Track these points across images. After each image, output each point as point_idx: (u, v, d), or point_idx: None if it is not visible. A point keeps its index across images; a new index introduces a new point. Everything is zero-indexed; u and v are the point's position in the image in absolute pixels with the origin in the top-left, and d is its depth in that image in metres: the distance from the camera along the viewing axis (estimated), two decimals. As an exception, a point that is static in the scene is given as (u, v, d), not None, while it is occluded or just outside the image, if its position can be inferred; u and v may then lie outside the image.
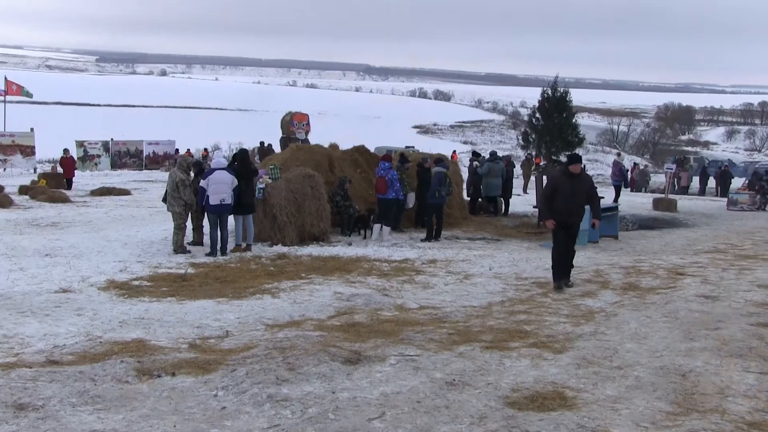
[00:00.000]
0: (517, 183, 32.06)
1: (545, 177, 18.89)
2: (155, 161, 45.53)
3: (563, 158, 21.70)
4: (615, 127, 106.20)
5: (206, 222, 14.14)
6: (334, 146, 18.96)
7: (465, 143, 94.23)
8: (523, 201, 25.52)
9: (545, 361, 6.88)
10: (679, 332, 7.95)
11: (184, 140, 54.99)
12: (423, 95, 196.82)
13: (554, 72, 24.18)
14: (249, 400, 5.73)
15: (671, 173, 28.80)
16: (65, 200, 23.15)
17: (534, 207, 19.68)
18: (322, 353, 6.81)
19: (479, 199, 21.65)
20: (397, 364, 6.69)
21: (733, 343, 7.38)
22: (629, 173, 37.01)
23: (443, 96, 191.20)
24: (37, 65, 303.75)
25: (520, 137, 24.79)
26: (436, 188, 15.97)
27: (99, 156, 43.15)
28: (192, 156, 34.73)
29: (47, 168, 35.15)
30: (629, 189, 34.62)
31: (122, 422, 5.36)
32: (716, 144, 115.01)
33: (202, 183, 13.47)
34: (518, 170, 38.01)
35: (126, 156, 44.62)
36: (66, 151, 31.35)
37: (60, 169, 30.35)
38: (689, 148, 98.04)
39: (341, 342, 7.41)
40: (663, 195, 26.65)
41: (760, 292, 9.94)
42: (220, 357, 6.92)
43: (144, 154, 45.24)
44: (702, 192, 36.58)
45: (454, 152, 49.55)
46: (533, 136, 22.13)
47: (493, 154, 22.27)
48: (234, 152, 17.16)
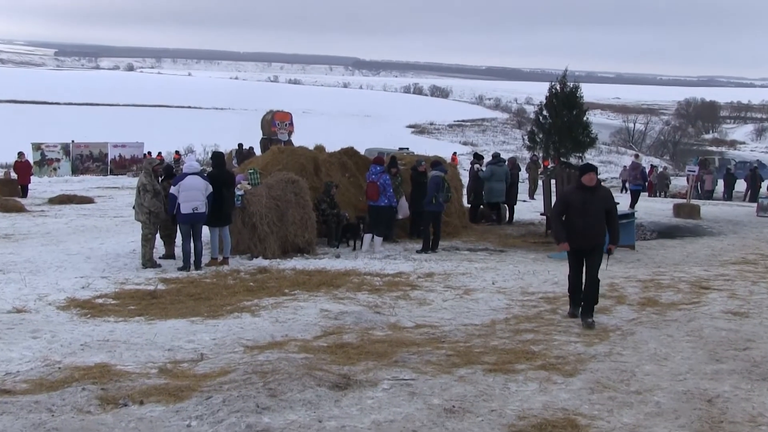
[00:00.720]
0: (523, 188, 32.12)
1: (554, 181, 18.95)
2: (122, 165, 45.45)
3: (573, 160, 21.74)
4: (631, 126, 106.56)
5: (179, 233, 14.12)
6: (320, 148, 18.95)
7: (465, 144, 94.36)
8: (529, 207, 25.57)
9: (555, 385, 6.88)
10: (704, 353, 7.96)
11: (154, 142, 54.88)
12: (418, 91, 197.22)
13: (563, 65, 24.25)
14: (226, 431, 5.71)
15: (693, 176, 28.86)
16: (20, 209, 23.08)
17: (542, 214, 19.71)
18: (308, 377, 6.79)
19: (481, 206, 21.68)
20: (391, 390, 6.68)
21: (765, 365, 7.40)
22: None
23: (441, 92, 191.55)
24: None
25: (526, 137, 24.87)
26: (433, 194, 16.00)
27: (58, 160, 43.10)
28: (163, 160, 34.77)
29: None
30: (647, 194, 34.75)
31: (84, 457, 5.33)
32: (744, 143, 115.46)
33: (173, 189, 13.45)
34: (524, 174, 38.13)
35: (89, 160, 44.55)
36: (21, 155, 31.27)
37: (14, 175, 30.28)
38: (714, 148, 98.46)
39: (328, 365, 7.39)
40: (684, 200, 26.74)
41: (793, 307, 9.98)
42: (194, 383, 6.89)
43: (109, 158, 45.17)
44: (728, 196, 36.69)
45: (454, 154, 49.61)
46: (540, 136, 22.20)
47: (496, 156, 22.32)
48: (211, 155, 17.14)
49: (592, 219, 9.49)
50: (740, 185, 37.99)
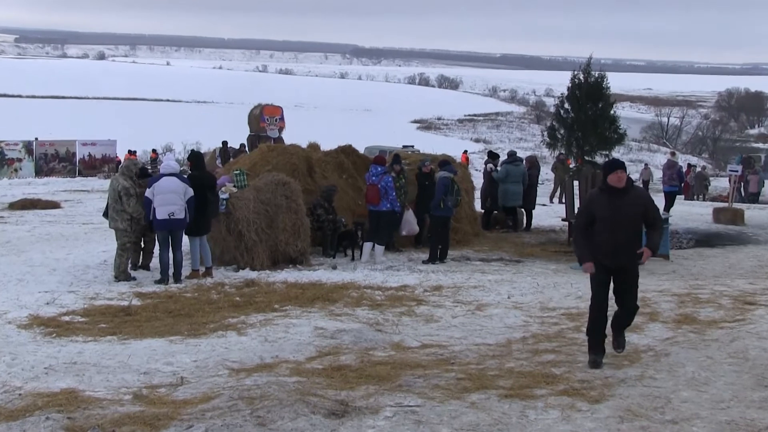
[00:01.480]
0: (543, 190, 32.06)
1: (577, 183, 18.95)
2: (91, 166, 45.51)
3: (599, 159, 21.73)
4: (664, 120, 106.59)
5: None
6: (315, 146, 18.96)
7: (477, 141, 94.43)
8: (549, 212, 25.57)
9: (579, 413, 6.87)
10: (750, 377, 7.94)
11: (128, 140, 54.84)
12: (424, 82, 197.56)
13: (587, 52, 24.23)
14: (208, 465, 5.71)
15: (736, 176, 28.83)
16: (-23, 215, 23.09)
17: (563, 220, 19.70)
18: (300, 404, 6.78)
19: (495, 211, 21.67)
20: (394, 417, 6.67)
21: (816, 389, 7.38)
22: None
23: (449, 83, 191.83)
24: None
25: (546, 133, 24.89)
26: (441, 197, 16.00)
27: (20, 160, 43.16)
28: (136, 159, 34.79)
29: (-46, 175, 35.13)
30: (683, 196, 34.71)
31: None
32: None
33: (147, 192, 13.47)
34: (545, 173, 38.05)
35: (54, 160, 44.62)
36: (-23, 155, 31.36)
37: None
38: (760, 145, 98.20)
39: (324, 390, 7.39)
40: (726, 204, 26.71)
41: None
42: (173, 410, 6.89)
43: (77, 158, 45.24)
44: (776, 199, 36.65)
45: (464, 153, 49.65)
46: (561, 132, 22.20)
47: (512, 155, 22.27)
48: (188, 156, 17.10)
49: (624, 230, 8.23)
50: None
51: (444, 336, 9.90)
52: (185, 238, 14.02)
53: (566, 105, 22.28)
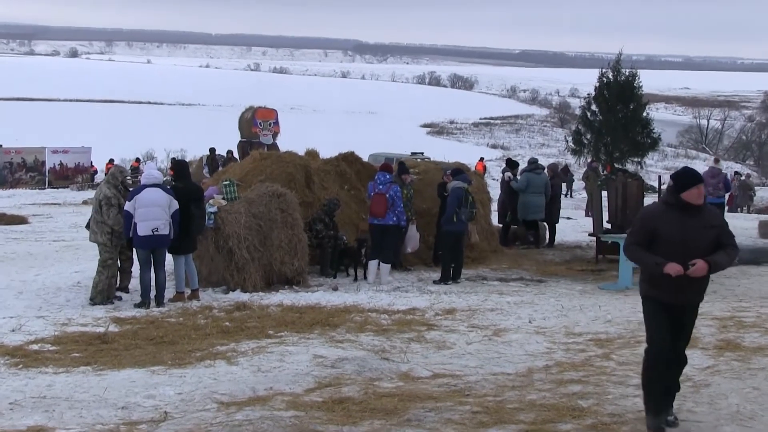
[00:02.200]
0: (566, 202, 32.04)
1: (606, 192, 18.96)
2: (63, 176, 45.68)
3: (630, 166, 21.75)
4: (703, 123, 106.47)
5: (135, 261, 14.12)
6: (313, 154, 18.98)
7: (494, 147, 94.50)
8: (575, 226, 25.55)
9: (610, 450, 6.85)
10: (799, 409, 7.93)
11: (104, 147, 55.10)
12: (435, 82, 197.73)
13: (617, 47, 24.34)
14: None
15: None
16: (-64, 232, 23.14)
17: (590, 235, 19.70)
18: (298, 442, 6.78)
19: (514, 225, 21.67)
20: (403, 456, 6.67)
21: None
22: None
23: (463, 83, 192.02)
24: None
25: (570, 138, 24.96)
26: (454, 210, 15.99)
27: (-17, 170, 43.30)
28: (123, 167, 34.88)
29: None
30: (726, 207, 34.64)
31: None
32: None
33: (128, 206, 13.42)
34: (576, 184, 38.00)
35: (21, 169, 44.84)
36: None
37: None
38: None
39: (324, 425, 7.39)
40: (772, 216, 26.63)
41: None
42: (155, 448, 6.89)
43: (47, 167, 45.39)
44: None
45: (480, 160, 49.69)
46: (588, 137, 22.27)
47: (533, 162, 22.28)
48: (171, 165, 17.15)
49: (693, 257, 7.36)
50: None
51: (458, 365, 9.89)
52: (169, 257, 14.02)
53: (593, 107, 22.40)
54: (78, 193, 41.42)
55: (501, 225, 21.64)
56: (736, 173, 45.91)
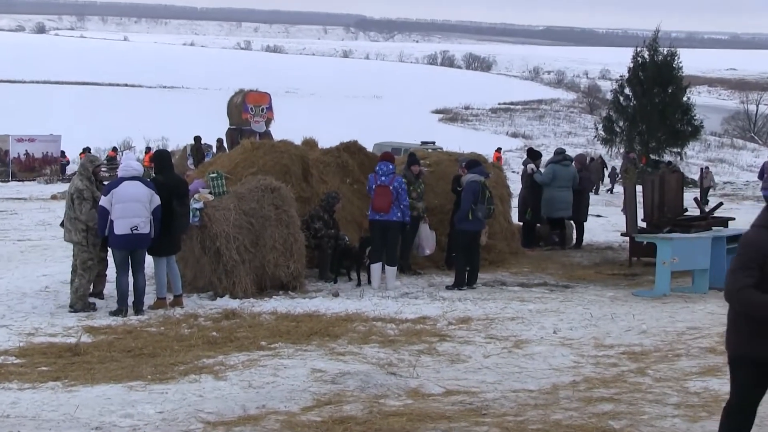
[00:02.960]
0: (595, 198, 32.00)
1: (642, 187, 18.94)
2: (29, 168, 45.70)
3: (668, 157, 21.71)
4: (752, 108, 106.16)
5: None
6: (311, 143, 18.97)
7: (514, 136, 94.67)
8: (605, 225, 25.54)
9: (644, 476, 6.86)
10: None
11: (76, 135, 55.08)
12: (448, 62, 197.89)
13: (653, 23, 24.30)
14: None
15: None
16: None
17: (622, 235, 19.68)
18: (294, 466, 6.79)
19: (537, 224, 21.63)
20: (412, 483, 6.68)
21: None
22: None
23: (480, 63, 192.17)
24: None
25: (600, 126, 24.94)
26: (469, 206, 15.96)
27: (-63, 161, 43.37)
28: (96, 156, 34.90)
29: None
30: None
31: None
32: None
33: (103, 201, 13.38)
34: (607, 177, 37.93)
35: (-19, 160, 44.82)
36: None
37: None
38: None
39: (323, 448, 7.39)
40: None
41: None
42: (134, 473, 6.91)
43: (10, 157, 45.40)
44: None
45: (497, 151, 49.67)
46: (620, 124, 22.22)
47: (560, 153, 22.15)
48: (152, 156, 17.12)
49: None
50: None
51: (473, 380, 9.89)
52: (149, 259, 14.03)
53: (627, 90, 22.37)
54: (46, 187, 41.40)
55: (522, 223, 21.56)
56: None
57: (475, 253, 16.36)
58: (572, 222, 21.84)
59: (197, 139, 37.38)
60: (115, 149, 52.40)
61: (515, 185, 23.66)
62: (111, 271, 14.43)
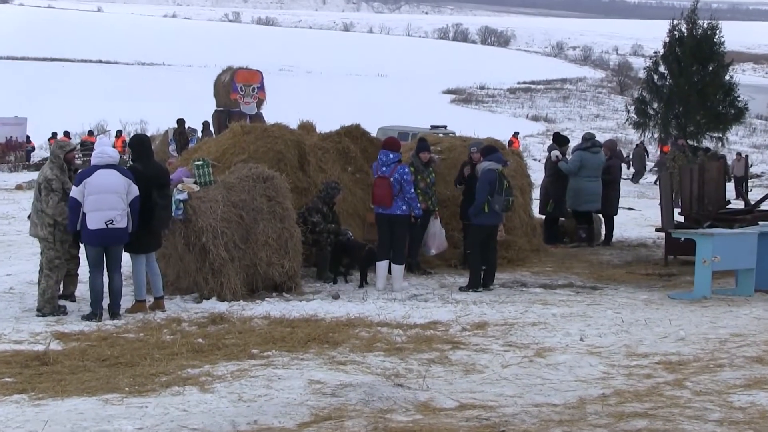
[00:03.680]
0: (628, 189, 31.95)
1: (679, 176, 18.90)
2: (-8, 154, 45.73)
3: (708, 143, 21.68)
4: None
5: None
6: (308, 127, 18.98)
7: (535, 120, 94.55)
8: (637, 219, 25.50)
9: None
10: None
11: (44, 118, 55.20)
12: (461, 36, 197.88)
13: (692, -8, 24.27)
14: None
15: None
16: None
17: (657, 230, 19.66)
18: (289, 489, 6.79)
19: (561, 218, 21.62)
20: (422, 508, 6.67)
21: None
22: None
23: (497, 37, 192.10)
24: None
25: (632, 108, 24.91)
26: (485, 198, 15.92)
27: None
28: (69, 141, 34.93)
29: None
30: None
31: None
32: None
33: (75, 192, 13.34)
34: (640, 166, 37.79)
35: (-62, 146, 44.88)
36: None
37: None
38: None
39: (322, 469, 7.39)
40: None
41: None
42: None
43: (-30, 142, 45.48)
44: None
45: (514, 136, 49.64)
46: (654, 106, 22.17)
47: (589, 138, 22.00)
48: (129, 141, 17.09)
49: None
50: None
51: (490, 393, 9.89)
52: (126, 257, 14.03)
53: (661, 68, 22.28)
54: (10, 176, 41.49)
55: (544, 217, 21.54)
56: None
57: (492, 251, 16.35)
58: (601, 216, 21.82)
59: (180, 123, 37.38)
60: (91, 133, 52.31)
61: (536, 174, 23.66)
62: (83, 270, 14.42)
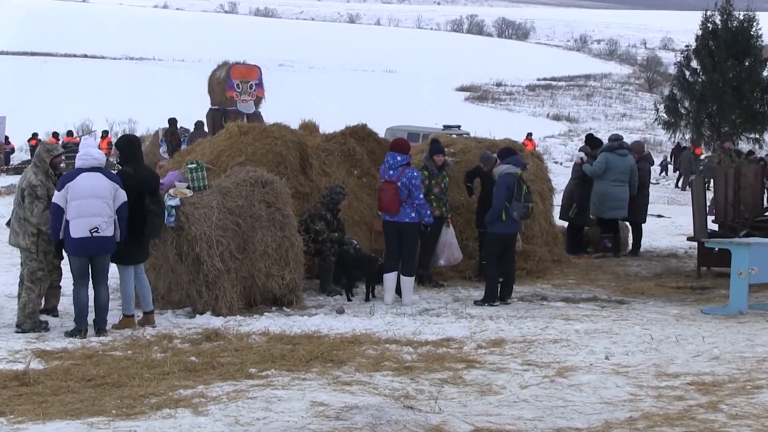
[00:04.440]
0: (658, 194, 31.94)
1: (712, 181, 18.90)
2: (-34, 158, 45.83)
3: (744, 144, 21.67)
4: None
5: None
6: (310, 127, 19.00)
7: (556, 119, 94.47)
8: (668, 227, 25.47)
9: None
10: None
11: (25, 117, 55.26)
12: (477, 29, 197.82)
13: (727, -19, 24.27)
14: None
15: None
16: None
17: (689, 239, 19.64)
18: None
19: (585, 226, 21.61)
20: None
21: None
22: None
23: (515, 30, 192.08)
24: None
25: (662, 107, 24.90)
26: (503, 204, 15.91)
27: None
28: (56, 144, 34.99)
29: None
30: None
31: None
32: None
33: (57, 197, 13.34)
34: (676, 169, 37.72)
35: None
36: None
37: None
38: None
39: (326, 498, 7.40)
40: None
41: None
42: None
43: (-57, 146, 45.58)
44: None
45: (528, 137, 49.60)
46: (686, 105, 22.16)
47: (616, 140, 21.94)
48: (116, 142, 17.10)
49: None
50: None
51: (508, 416, 9.89)
52: (113, 268, 14.04)
53: (694, 63, 22.26)
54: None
55: (568, 225, 21.52)
56: None
57: (510, 262, 16.36)
58: (628, 224, 21.79)
59: (172, 122, 37.41)
60: (71, 133, 52.26)
61: (558, 179, 23.65)
62: (67, 283, 14.43)
